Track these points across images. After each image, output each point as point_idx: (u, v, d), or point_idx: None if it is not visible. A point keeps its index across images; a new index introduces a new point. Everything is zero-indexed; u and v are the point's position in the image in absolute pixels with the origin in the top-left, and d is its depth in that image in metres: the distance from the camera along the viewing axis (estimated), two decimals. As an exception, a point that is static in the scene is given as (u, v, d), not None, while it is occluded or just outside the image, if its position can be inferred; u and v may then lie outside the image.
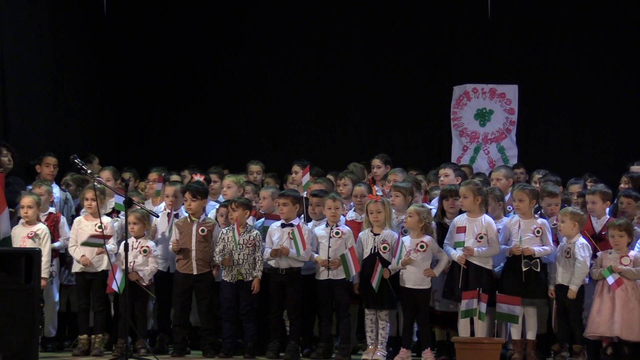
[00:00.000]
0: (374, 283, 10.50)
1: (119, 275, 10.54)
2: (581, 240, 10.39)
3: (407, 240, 10.60)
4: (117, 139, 15.61)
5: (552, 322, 10.62)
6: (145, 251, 11.07)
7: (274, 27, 15.53)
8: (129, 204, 10.20)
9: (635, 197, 10.94)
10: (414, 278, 10.54)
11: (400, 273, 10.59)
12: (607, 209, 10.97)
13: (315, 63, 15.45)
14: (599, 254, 10.45)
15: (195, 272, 11.05)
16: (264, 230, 11.21)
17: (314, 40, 15.48)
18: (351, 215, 11.44)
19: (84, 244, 10.97)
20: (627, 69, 14.56)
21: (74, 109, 14.51)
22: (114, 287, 10.65)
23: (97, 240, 10.79)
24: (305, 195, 11.42)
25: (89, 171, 10.37)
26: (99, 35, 15.32)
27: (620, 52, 14.57)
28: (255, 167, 13.16)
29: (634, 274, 10.21)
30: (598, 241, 10.65)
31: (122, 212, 10.92)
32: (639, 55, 14.48)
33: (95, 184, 10.76)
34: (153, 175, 12.25)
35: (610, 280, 10.13)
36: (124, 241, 10.10)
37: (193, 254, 11.05)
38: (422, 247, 10.52)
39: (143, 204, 11.52)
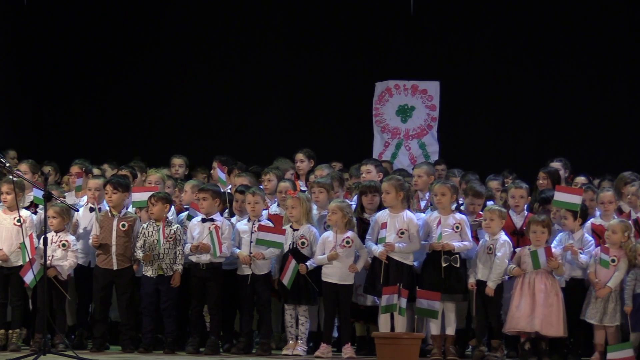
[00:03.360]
0: (285, 280, 10.51)
1: (36, 267, 10.44)
2: (503, 237, 10.49)
3: (330, 235, 10.62)
4: (36, 132, 15.42)
5: (471, 317, 10.71)
6: (64, 245, 10.94)
7: (194, 20, 15.46)
8: (48, 197, 10.08)
9: None
10: (339, 273, 10.56)
11: (323, 268, 10.61)
12: (526, 205, 11.10)
13: (238, 57, 15.40)
14: (517, 249, 10.54)
15: (115, 267, 10.96)
16: (187, 219, 11.16)
17: (236, 34, 15.43)
18: (274, 209, 11.42)
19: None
20: (546, 66, 14.71)
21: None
22: (27, 279, 10.55)
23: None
24: (229, 191, 11.40)
25: (7, 164, 10.22)
26: (18, 26, 15.10)
27: (541, 50, 14.71)
28: (177, 161, 13.10)
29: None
30: (519, 237, 10.75)
31: (41, 206, 10.79)
32: (558, 53, 14.64)
33: (13, 177, 10.60)
34: (75, 169, 12.11)
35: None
36: (43, 235, 9.98)
37: (113, 249, 10.95)
38: (347, 242, 10.55)
39: (63, 197, 11.39)
